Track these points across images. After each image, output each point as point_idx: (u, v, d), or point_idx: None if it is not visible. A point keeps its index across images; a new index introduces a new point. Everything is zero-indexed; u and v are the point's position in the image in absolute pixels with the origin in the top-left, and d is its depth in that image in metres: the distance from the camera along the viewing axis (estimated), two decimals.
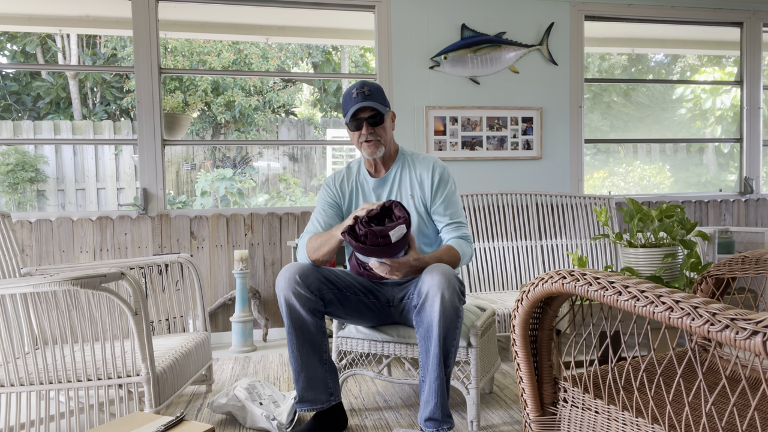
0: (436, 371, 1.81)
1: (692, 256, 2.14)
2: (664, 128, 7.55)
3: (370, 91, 2.03)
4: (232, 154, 7.21)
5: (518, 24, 3.82)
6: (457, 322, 1.83)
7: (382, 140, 2.08)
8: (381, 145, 2.08)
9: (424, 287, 1.81)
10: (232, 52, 7.41)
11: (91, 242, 3.39)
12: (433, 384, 1.82)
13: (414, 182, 2.12)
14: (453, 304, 1.79)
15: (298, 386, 2.00)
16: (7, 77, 7.60)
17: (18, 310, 1.98)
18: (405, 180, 2.14)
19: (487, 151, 3.80)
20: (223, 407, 2.17)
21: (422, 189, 2.11)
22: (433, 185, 2.10)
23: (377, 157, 2.10)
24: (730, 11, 4.19)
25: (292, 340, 1.96)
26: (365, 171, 2.19)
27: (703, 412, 0.94)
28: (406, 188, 2.13)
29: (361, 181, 2.18)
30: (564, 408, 1.24)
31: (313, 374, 1.99)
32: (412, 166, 2.15)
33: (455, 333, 1.84)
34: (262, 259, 3.60)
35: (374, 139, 2.06)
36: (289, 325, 1.94)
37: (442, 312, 1.77)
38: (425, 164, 2.13)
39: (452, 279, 1.81)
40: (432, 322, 1.79)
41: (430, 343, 1.81)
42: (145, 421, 1.50)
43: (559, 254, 3.44)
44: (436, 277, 1.79)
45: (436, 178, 2.11)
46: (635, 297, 0.93)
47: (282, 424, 2.04)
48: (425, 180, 2.11)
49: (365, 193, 2.17)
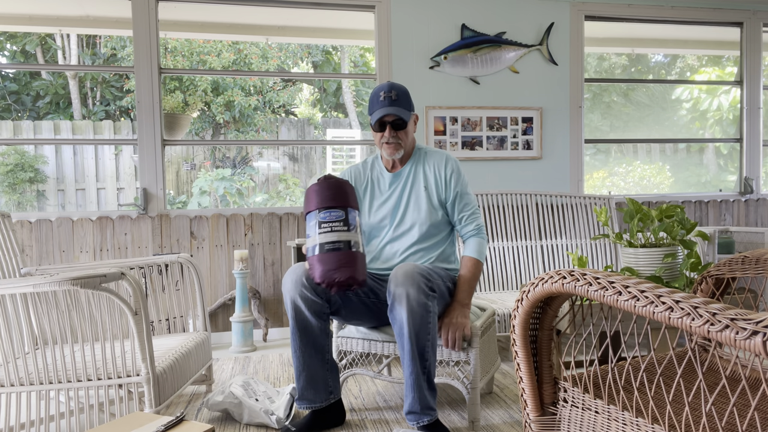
0: (410, 366, 1.88)
1: (692, 256, 2.14)
2: (664, 128, 7.55)
3: (397, 96, 2.12)
4: (231, 155, 7.21)
5: (518, 24, 3.82)
6: (427, 317, 1.88)
7: (403, 143, 2.17)
8: (401, 148, 2.18)
9: (391, 287, 1.89)
10: (232, 52, 7.41)
11: (91, 242, 3.39)
12: (410, 379, 1.89)
13: (428, 175, 2.21)
14: (419, 300, 1.85)
15: (298, 384, 2.02)
16: (6, 77, 7.60)
17: (18, 310, 1.98)
18: (419, 174, 2.22)
19: (487, 151, 3.80)
20: (220, 404, 2.17)
21: (436, 182, 2.19)
22: (446, 178, 2.19)
23: (396, 158, 2.20)
24: (730, 11, 4.19)
25: (295, 340, 1.98)
26: (381, 166, 2.27)
27: (703, 412, 0.94)
28: (419, 181, 2.21)
29: (376, 176, 2.27)
30: (564, 408, 1.24)
31: (314, 374, 2.01)
32: (426, 161, 2.23)
33: (427, 327, 1.88)
34: (262, 259, 3.60)
35: (395, 142, 2.15)
36: (293, 326, 1.97)
37: (410, 311, 1.84)
38: (438, 158, 2.22)
39: (415, 276, 1.87)
40: (402, 320, 1.86)
41: (403, 341, 1.88)
42: (145, 421, 1.50)
43: (559, 254, 3.44)
44: (399, 278, 1.88)
45: (449, 171, 2.19)
46: (635, 297, 0.93)
47: (280, 418, 2.06)
48: (439, 174, 2.19)
49: (381, 187, 2.25)
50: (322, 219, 1.81)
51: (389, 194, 2.23)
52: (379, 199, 2.24)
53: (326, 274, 1.76)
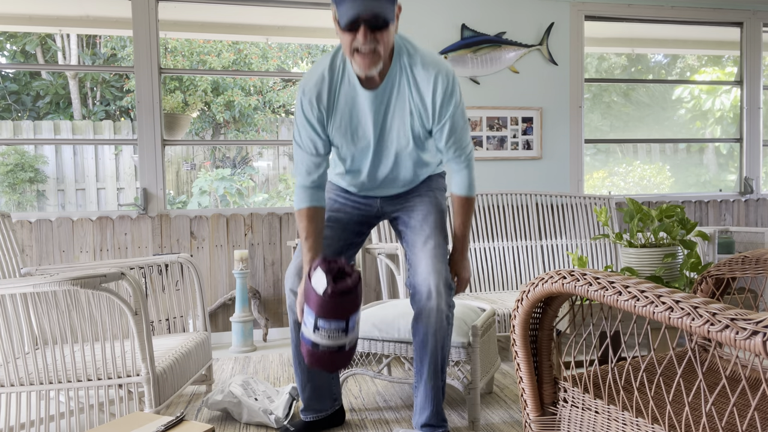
0: (432, 380, 1.83)
1: (692, 256, 2.14)
2: (664, 128, 7.55)
3: None
4: (231, 154, 7.21)
5: (518, 24, 3.82)
6: (449, 329, 1.85)
7: (383, 51, 1.60)
8: (379, 60, 1.61)
9: (421, 293, 1.78)
10: (232, 52, 7.41)
11: (91, 242, 3.39)
12: (430, 392, 1.83)
13: (415, 97, 1.73)
14: (446, 314, 1.81)
15: (303, 395, 1.99)
16: (6, 77, 7.60)
17: (18, 310, 1.98)
18: (403, 94, 1.73)
19: (487, 151, 3.80)
20: (219, 404, 2.17)
21: (424, 105, 1.73)
22: (435, 105, 1.72)
23: (372, 74, 1.66)
24: (730, 11, 4.19)
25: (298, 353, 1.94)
26: (353, 77, 1.71)
27: (703, 412, 0.94)
28: (404, 105, 1.74)
29: (349, 95, 1.74)
30: (564, 408, 1.24)
31: (320, 384, 1.99)
32: (412, 76, 1.72)
33: (448, 340, 1.86)
34: (262, 259, 3.60)
35: (372, 48, 1.57)
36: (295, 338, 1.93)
37: (438, 326, 1.79)
38: (427, 75, 1.70)
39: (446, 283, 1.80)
40: (428, 333, 1.80)
41: (425, 353, 1.82)
42: (145, 421, 1.50)
43: (559, 254, 3.44)
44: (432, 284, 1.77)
45: (439, 96, 1.71)
46: (635, 297, 0.93)
47: (279, 417, 2.06)
48: (426, 96, 1.71)
49: (359, 107, 1.74)
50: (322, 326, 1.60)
51: (366, 121, 1.76)
52: (351, 126, 1.77)
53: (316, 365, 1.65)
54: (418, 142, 1.80)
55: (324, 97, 1.73)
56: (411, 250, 1.87)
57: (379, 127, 1.77)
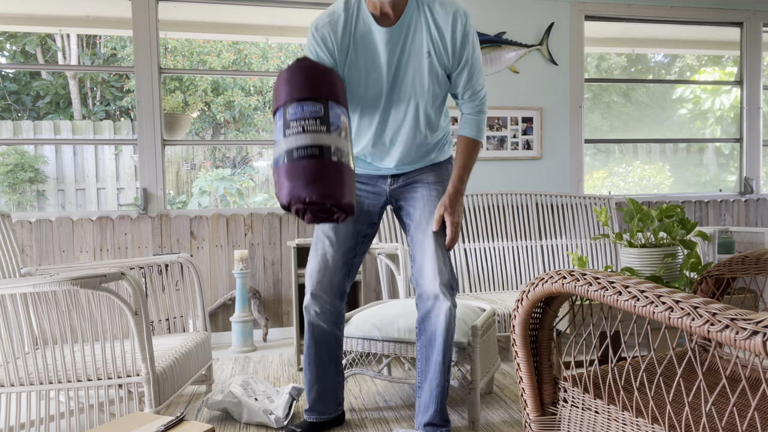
0: (438, 379, 1.82)
1: (692, 256, 2.14)
2: (664, 128, 7.55)
3: None
4: (231, 154, 7.21)
5: (518, 24, 3.82)
6: (455, 328, 1.86)
7: None
8: None
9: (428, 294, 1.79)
10: (232, 52, 7.41)
11: (91, 242, 3.39)
12: (435, 390, 1.83)
13: (434, 35, 1.67)
14: (453, 313, 1.81)
15: (309, 396, 2.00)
16: (6, 77, 7.60)
17: (18, 310, 1.98)
18: (421, 32, 1.67)
19: (487, 151, 3.80)
20: (219, 404, 2.17)
21: (444, 44, 1.68)
22: (456, 44, 1.68)
23: (387, 9, 1.61)
24: (730, 11, 4.19)
25: (310, 353, 1.95)
26: (368, 15, 1.65)
27: (703, 412, 0.94)
28: (420, 45, 1.68)
29: (364, 30, 1.66)
30: (564, 408, 1.24)
31: (327, 387, 1.99)
32: (431, 13, 1.67)
33: (453, 340, 1.86)
34: (262, 259, 3.60)
35: None
36: (309, 339, 1.94)
37: (447, 325, 1.79)
38: (446, 13, 1.66)
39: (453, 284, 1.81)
40: (436, 332, 1.80)
41: (432, 352, 1.82)
42: (145, 421, 1.50)
43: (559, 254, 3.44)
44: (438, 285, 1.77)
45: (459, 35, 1.67)
46: (635, 297, 0.93)
47: (279, 417, 2.06)
48: (446, 34, 1.67)
49: (374, 46, 1.67)
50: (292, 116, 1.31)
51: (379, 62, 1.68)
52: (364, 68, 1.69)
53: (294, 192, 1.25)
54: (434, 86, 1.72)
55: (339, 31, 1.64)
56: (415, 247, 1.88)
57: (393, 69, 1.68)
